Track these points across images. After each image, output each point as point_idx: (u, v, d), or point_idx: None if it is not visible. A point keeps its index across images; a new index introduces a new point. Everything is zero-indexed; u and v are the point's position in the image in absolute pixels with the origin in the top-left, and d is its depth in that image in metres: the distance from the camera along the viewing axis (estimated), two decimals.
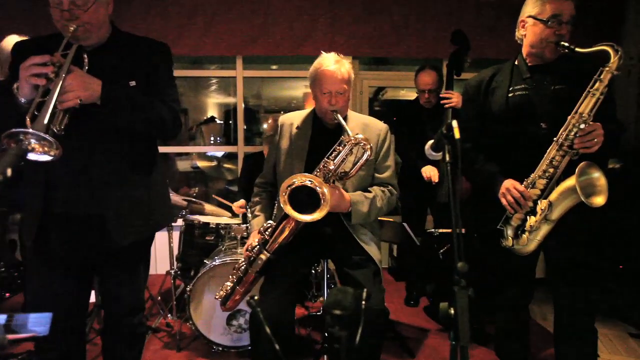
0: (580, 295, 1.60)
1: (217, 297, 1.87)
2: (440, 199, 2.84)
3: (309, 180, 1.57)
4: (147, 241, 1.60)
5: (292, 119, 1.89)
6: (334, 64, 1.72)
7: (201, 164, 3.91)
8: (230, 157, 3.98)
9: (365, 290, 0.97)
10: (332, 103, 1.71)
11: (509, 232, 1.63)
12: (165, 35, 3.32)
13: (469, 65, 2.62)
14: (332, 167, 1.64)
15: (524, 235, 1.58)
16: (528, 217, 1.57)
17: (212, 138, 4.89)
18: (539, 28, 1.59)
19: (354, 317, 0.83)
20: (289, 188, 1.57)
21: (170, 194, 2.75)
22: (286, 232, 1.67)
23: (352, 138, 1.61)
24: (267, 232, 1.72)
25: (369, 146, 1.61)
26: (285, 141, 1.86)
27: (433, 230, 2.63)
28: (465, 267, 0.84)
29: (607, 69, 1.43)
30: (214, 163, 3.80)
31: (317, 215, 1.54)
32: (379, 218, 2.11)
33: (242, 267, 1.79)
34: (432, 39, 3.55)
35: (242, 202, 2.87)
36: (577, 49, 1.49)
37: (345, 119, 1.82)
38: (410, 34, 3.54)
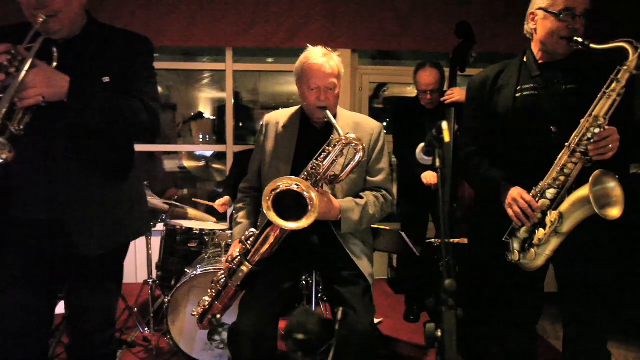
0: (591, 314, 1.55)
1: (194, 313, 1.84)
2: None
3: (296, 184, 1.53)
4: (118, 252, 1.56)
5: (278, 118, 1.87)
6: (321, 57, 1.70)
7: (188, 164, 3.87)
8: (220, 157, 3.95)
9: (341, 309, 0.93)
10: (320, 99, 1.68)
11: (515, 245, 1.59)
12: (148, 24, 3.29)
13: (474, 60, 2.58)
14: (320, 169, 1.61)
15: (532, 250, 1.54)
16: (536, 229, 1.53)
17: (201, 136, 4.87)
18: (550, 21, 1.55)
19: (319, 342, 0.79)
20: (273, 192, 1.53)
21: (150, 198, 2.76)
22: (270, 242, 1.64)
23: (343, 138, 1.58)
24: (249, 242, 1.68)
25: (361, 147, 1.57)
26: (270, 142, 1.83)
27: (433, 239, 2.59)
28: (453, 285, 0.81)
29: (625, 67, 1.39)
30: (202, 163, 3.77)
31: (303, 223, 1.50)
32: (373, 226, 2.08)
33: (222, 280, 1.77)
34: (438, 31, 3.51)
35: (225, 199, 2.84)
36: (591, 45, 1.45)
37: (335, 116, 1.79)
38: (414, 26, 3.50)
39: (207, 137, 4.84)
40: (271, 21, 3.41)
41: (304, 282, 2.70)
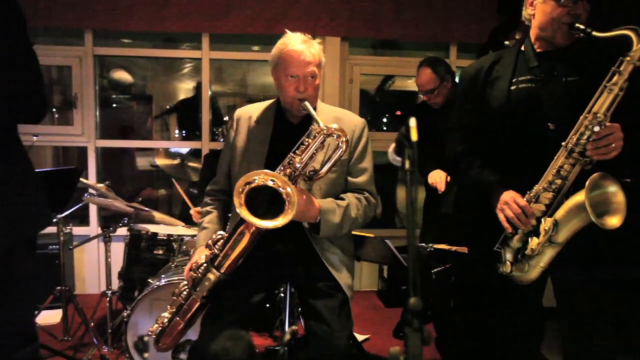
0: (592, 333, 1.54)
1: (150, 332, 1.79)
2: (445, 209, 2.80)
3: (271, 180, 1.49)
4: (8, 254, 1.42)
5: (251, 112, 1.84)
6: (301, 43, 1.68)
7: (161, 162, 3.84)
8: (197, 154, 3.91)
9: (289, 330, 0.89)
10: (299, 90, 1.66)
11: (508, 255, 1.56)
12: (115, 6, 3.25)
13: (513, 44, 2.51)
14: (298, 164, 1.57)
15: (525, 261, 1.51)
16: (530, 238, 1.50)
17: (176, 131, 4.82)
18: (549, 6, 1.52)
19: None
20: (247, 186, 1.49)
21: (112, 200, 2.72)
22: (241, 245, 1.59)
23: (324, 128, 1.55)
24: (217, 246, 1.64)
25: (344, 138, 1.55)
26: (241, 139, 1.80)
27: (424, 244, 2.57)
28: (418, 304, 0.77)
29: (627, 59, 1.36)
30: (177, 161, 3.73)
31: (280, 221, 1.46)
32: (356, 233, 2.06)
33: (184, 292, 1.72)
34: (437, 18, 3.49)
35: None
36: (594, 33, 1.42)
37: (314, 109, 1.76)
38: (411, 12, 3.48)
39: (184, 132, 4.80)
40: (252, 6, 3.38)
41: (282, 295, 2.68)
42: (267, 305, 2.68)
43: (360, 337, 2.83)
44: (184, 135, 4.69)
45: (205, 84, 3.69)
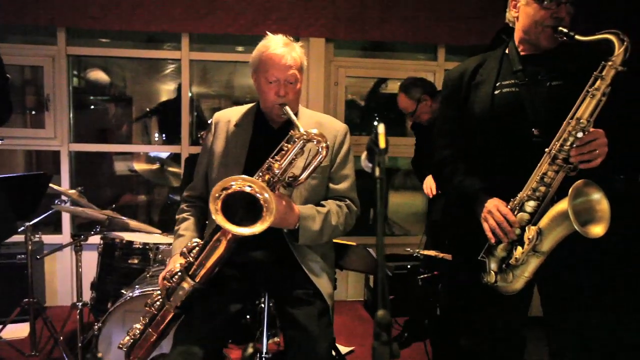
0: (579, 341, 1.56)
1: (120, 345, 1.77)
2: (434, 216, 2.83)
3: (249, 186, 1.49)
4: None
5: (230, 116, 1.85)
6: (282, 46, 1.69)
7: (140, 166, 3.81)
8: (178, 159, 3.89)
9: (251, 344, 0.88)
10: (280, 94, 1.67)
11: (492, 265, 1.57)
12: (88, 3, 3.23)
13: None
14: (277, 169, 1.57)
15: (509, 271, 1.52)
16: (514, 247, 1.51)
17: (156, 135, 4.79)
18: (532, 9, 1.54)
19: None
20: (224, 192, 1.48)
21: (83, 208, 2.68)
22: (217, 253, 1.58)
23: (304, 133, 1.56)
24: (192, 253, 1.63)
25: (324, 144, 1.55)
26: (219, 143, 1.80)
27: (410, 250, 2.58)
28: (386, 317, 0.77)
29: (609, 63, 1.37)
30: (156, 166, 3.70)
31: (257, 228, 1.45)
32: (337, 241, 2.05)
33: (157, 303, 1.70)
34: (425, 20, 3.52)
35: None
36: (577, 37, 1.44)
37: (295, 115, 1.78)
38: (397, 13, 3.50)
39: (164, 136, 4.76)
40: (233, 5, 3.38)
41: (263, 305, 2.66)
42: (248, 316, 2.67)
43: (344, 350, 2.82)
44: (164, 139, 4.66)
45: (185, 85, 3.67)
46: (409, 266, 3.36)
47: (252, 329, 2.74)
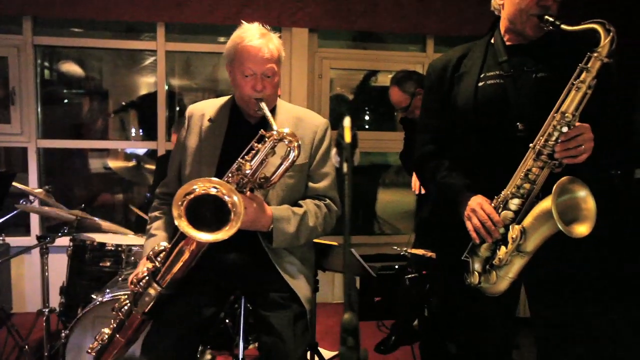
0: (567, 341, 1.57)
1: (89, 350, 1.76)
2: (423, 213, 2.84)
3: (214, 187, 1.48)
4: None
5: (204, 109, 1.83)
6: (258, 37, 1.66)
7: (114, 164, 3.77)
8: (156, 155, 3.86)
9: (209, 351, 0.87)
10: (257, 89, 1.65)
11: (476, 265, 1.57)
12: None
13: None
14: (248, 170, 1.57)
15: (493, 271, 1.52)
16: (498, 247, 1.51)
17: (133, 130, 4.74)
18: None
19: None
20: (187, 197, 1.48)
21: (50, 208, 2.65)
22: (184, 258, 1.57)
23: (275, 132, 1.55)
24: (158, 258, 1.62)
25: (295, 144, 1.55)
26: (193, 139, 1.78)
27: (397, 248, 2.59)
28: (353, 321, 0.77)
29: (595, 55, 1.37)
30: (133, 163, 3.67)
31: (222, 235, 1.45)
32: (318, 241, 2.05)
33: (125, 307, 1.70)
34: (413, 9, 3.51)
35: None
36: (562, 26, 1.43)
37: (274, 109, 1.78)
38: (384, 3, 3.49)
39: (141, 131, 4.72)
40: None
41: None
42: (227, 320, 2.66)
43: (328, 354, 2.82)
44: (142, 134, 4.61)
45: (161, 77, 3.64)
46: (397, 266, 3.37)
47: (230, 334, 2.74)
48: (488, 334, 1.72)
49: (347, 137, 0.77)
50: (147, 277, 1.62)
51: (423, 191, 2.80)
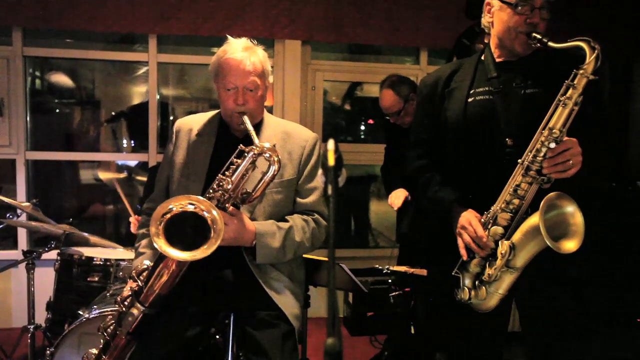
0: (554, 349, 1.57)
1: None
2: (403, 229, 2.82)
3: (191, 204, 1.48)
4: None
5: (192, 124, 1.84)
6: (241, 51, 1.68)
7: (105, 175, 3.76)
8: (146, 168, 3.85)
9: None
10: (238, 103, 1.66)
11: (467, 281, 1.58)
12: (47, 3, 3.19)
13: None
14: (228, 186, 1.57)
15: (483, 287, 1.53)
16: (488, 262, 1.53)
17: (125, 141, 4.73)
18: (506, 14, 1.57)
19: None
20: (164, 217, 1.48)
21: (37, 222, 2.63)
22: (166, 277, 1.57)
23: (255, 147, 1.55)
24: (141, 277, 1.62)
25: (275, 158, 1.55)
26: (180, 153, 1.79)
27: (379, 266, 2.58)
28: (336, 346, 0.76)
29: (581, 72, 1.40)
30: (124, 175, 3.66)
31: (199, 253, 1.45)
32: (308, 257, 2.05)
33: (110, 328, 1.68)
34: (406, 22, 3.55)
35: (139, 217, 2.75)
36: (550, 43, 1.47)
37: (260, 124, 1.79)
38: (377, 15, 3.53)
39: (133, 142, 4.72)
40: (203, 6, 3.37)
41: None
42: (217, 337, 2.64)
43: None
44: (133, 145, 4.61)
45: (152, 89, 3.65)
46: (389, 280, 3.36)
47: (222, 350, 2.72)
48: (479, 350, 1.73)
49: (331, 160, 0.77)
50: (130, 297, 1.62)
51: (398, 207, 2.75)
